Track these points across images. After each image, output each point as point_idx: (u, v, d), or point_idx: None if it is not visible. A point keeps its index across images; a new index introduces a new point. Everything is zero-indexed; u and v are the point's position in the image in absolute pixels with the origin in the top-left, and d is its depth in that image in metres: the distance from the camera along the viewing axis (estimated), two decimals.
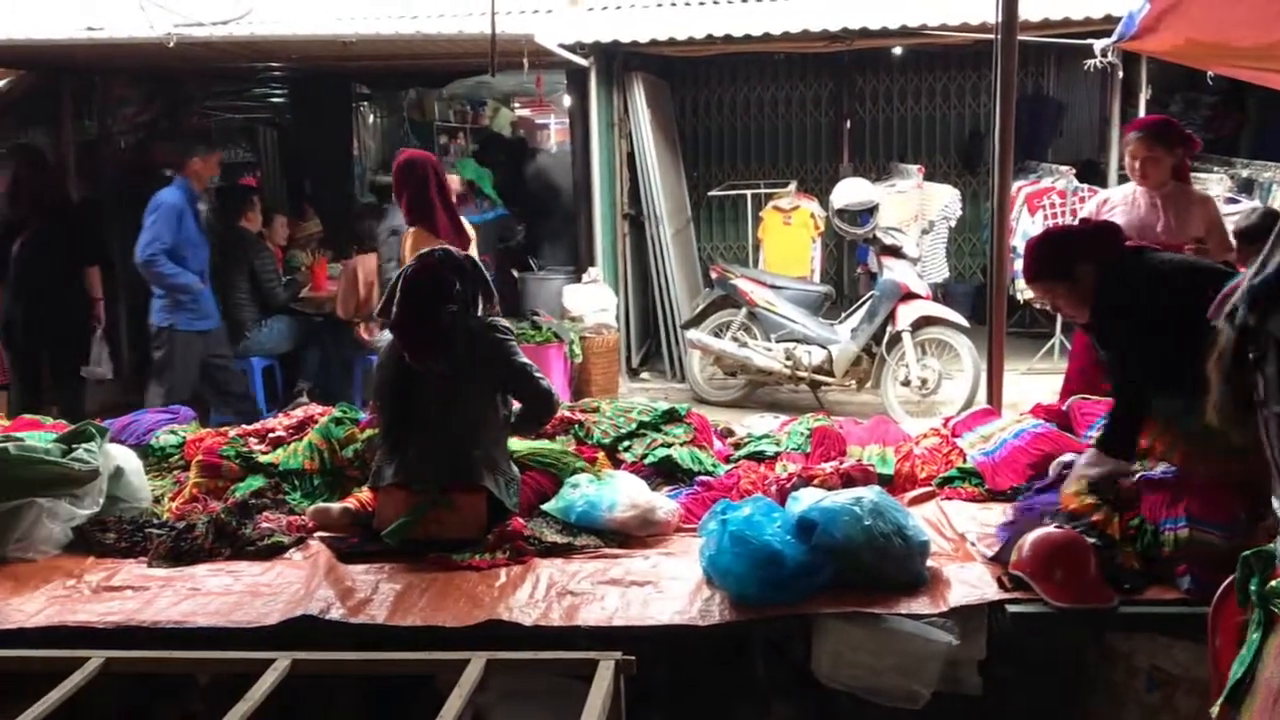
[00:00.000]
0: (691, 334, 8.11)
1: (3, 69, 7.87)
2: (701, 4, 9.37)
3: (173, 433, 4.30)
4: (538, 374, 3.64)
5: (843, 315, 8.10)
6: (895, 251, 7.75)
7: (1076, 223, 4.50)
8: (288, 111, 11.50)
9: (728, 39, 8.17)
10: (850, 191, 7.99)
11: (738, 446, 4.17)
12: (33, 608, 3.08)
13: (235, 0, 8.85)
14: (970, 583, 3.00)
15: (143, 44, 6.70)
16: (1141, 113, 8.45)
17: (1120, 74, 7.91)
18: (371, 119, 13.00)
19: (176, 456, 4.18)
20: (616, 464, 3.94)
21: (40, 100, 8.37)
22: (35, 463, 3.46)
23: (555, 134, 18.35)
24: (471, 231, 5.61)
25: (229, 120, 11.57)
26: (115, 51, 7.43)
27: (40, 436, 3.85)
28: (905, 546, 2.97)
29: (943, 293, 9.63)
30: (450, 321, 3.54)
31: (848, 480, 3.50)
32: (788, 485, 3.49)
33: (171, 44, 6.20)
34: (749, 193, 9.93)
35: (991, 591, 2.95)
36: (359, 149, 12.10)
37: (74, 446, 3.63)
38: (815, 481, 3.48)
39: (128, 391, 8.44)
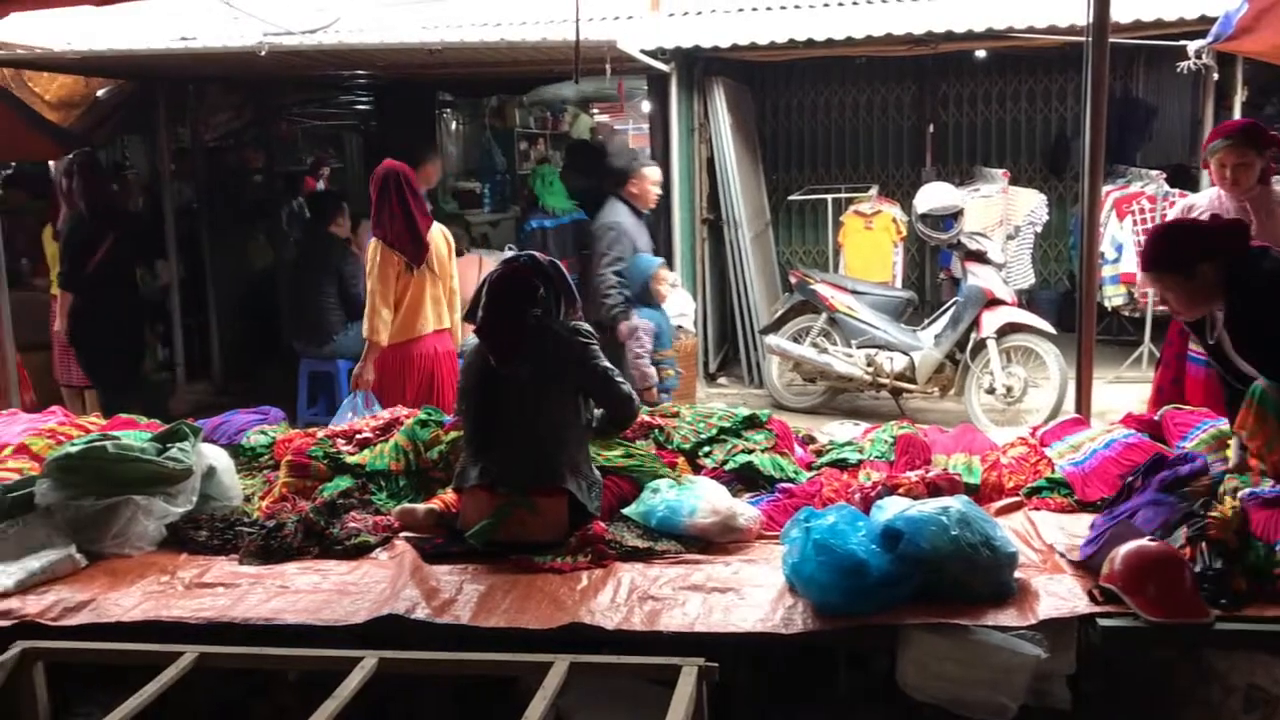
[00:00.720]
0: (770, 339, 8.07)
1: (102, 78, 8.11)
2: (783, 8, 9.36)
3: (263, 433, 4.40)
4: (618, 378, 3.66)
5: (925, 321, 8.00)
6: (980, 257, 7.64)
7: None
8: (373, 118, 11.70)
9: (810, 43, 8.11)
10: (934, 196, 7.90)
11: (819, 454, 4.14)
12: (129, 602, 3.16)
13: (321, 10, 9.05)
14: (1060, 595, 2.93)
15: (235, 53, 6.86)
16: (1236, 115, 8.23)
17: (1215, 76, 7.70)
18: (454, 125, 13.17)
19: (266, 456, 4.27)
20: (697, 469, 3.93)
21: (137, 108, 8.62)
22: (132, 461, 3.56)
23: (633, 139, 18.43)
24: (441, 242, 5.70)
25: (316, 127, 11.80)
26: (208, 60, 7.61)
27: (136, 435, 3.95)
28: (993, 557, 2.92)
29: (1027, 299, 9.47)
30: (534, 325, 3.57)
31: (934, 489, 3.45)
32: (872, 494, 3.45)
33: (263, 53, 6.34)
34: (829, 197, 9.85)
35: (1082, 604, 2.88)
36: (441, 155, 12.25)
37: (168, 446, 3.73)
38: (900, 490, 3.44)
39: (219, 392, 8.68)
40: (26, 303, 7.07)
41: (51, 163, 8.21)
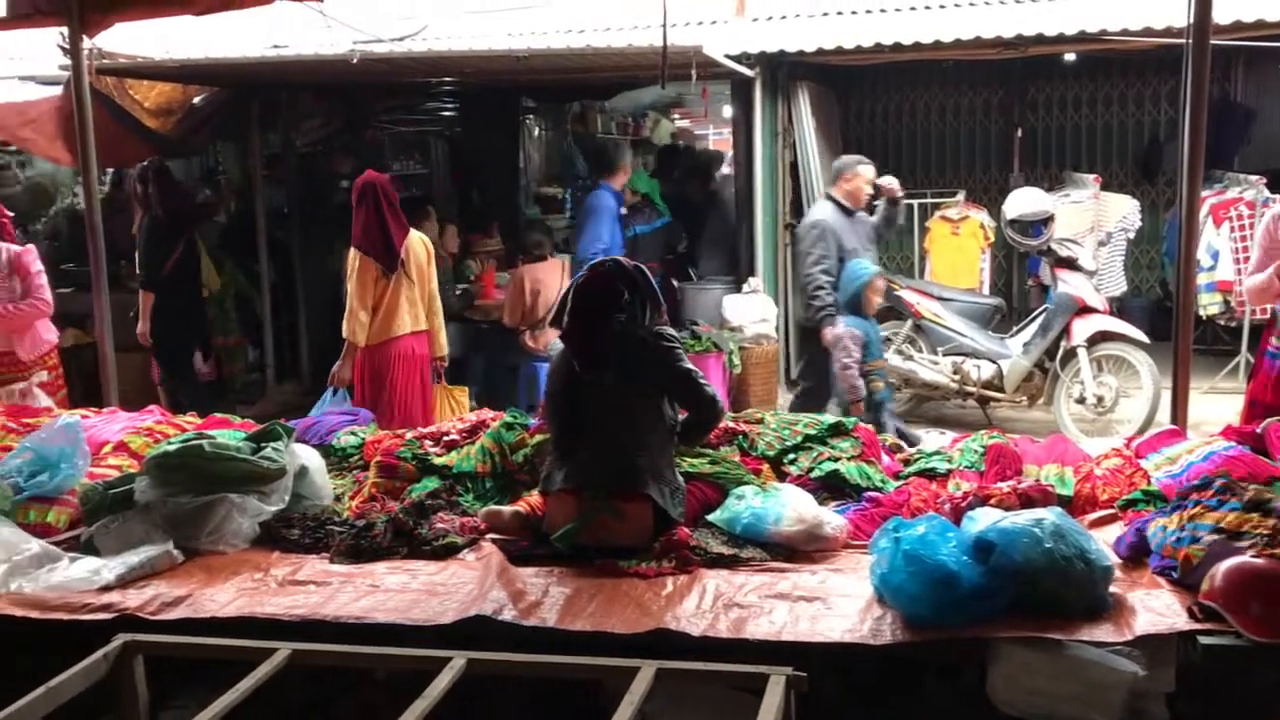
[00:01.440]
0: None
1: (199, 85, 8.32)
2: (869, 12, 9.28)
3: (352, 434, 4.47)
4: (702, 381, 3.63)
5: (1014, 329, 7.87)
6: (1070, 264, 7.48)
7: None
8: (458, 124, 11.83)
9: (897, 48, 8.02)
10: (1024, 201, 7.76)
11: (907, 463, 4.09)
12: (224, 598, 3.23)
13: (408, 18, 9.20)
14: (1157, 611, 2.85)
15: (328, 60, 6.98)
16: None
17: None
18: (537, 132, 13.27)
19: (356, 457, 4.34)
20: (781, 476, 3.91)
21: (231, 115, 8.83)
22: (228, 460, 3.64)
23: (714, 143, 18.38)
24: (420, 249, 5.93)
25: (402, 133, 11.98)
26: (301, 68, 7.75)
27: (231, 435, 4.03)
28: (1088, 571, 2.85)
29: (1118, 307, 9.25)
30: (618, 330, 3.57)
31: (1026, 500, 3.38)
32: (962, 504, 3.39)
33: (355, 60, 6.45)
34: (915, 202, 9.73)
35: (1181, 621, 2.79)
36: (524, 161, 12.37)
37: (262, 445, 3.80)
38: (992, 501, 3.37)
39: (307, 393, 8.83)
40: (124, 304, 7.29)
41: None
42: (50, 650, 3.17)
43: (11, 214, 5.84)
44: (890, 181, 6.70)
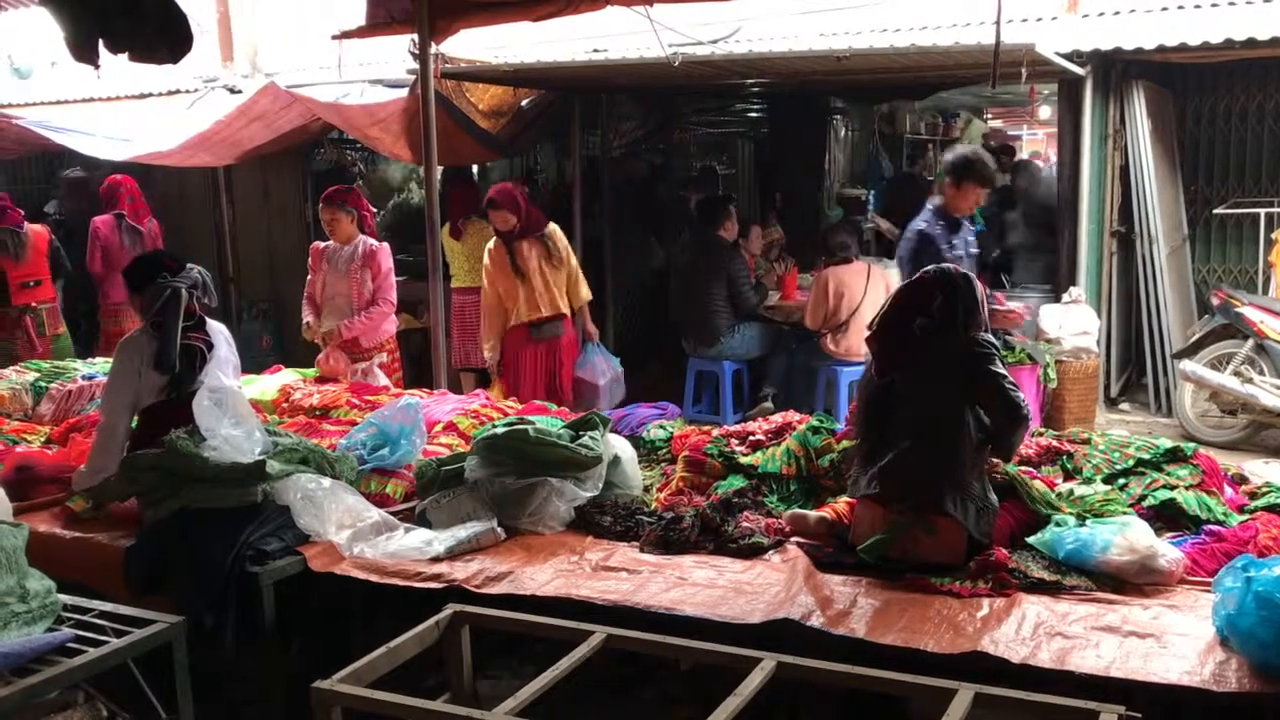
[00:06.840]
0: (1185, 365, 7.41)
1: (527, 89, 8.75)
2: (1214, 5, 8.55)
3: (661, 427, 4.58)
4: (1013, 386, 3.44)
5: None
6: None
7: None
8: (764, 125, 11.87)
9: (1251, 44, 7.34)
10: None
11: (1253, 495, 3.74)
12: (543, 577, 3.37)
13: (723, 21, 9.27)
14: None
15: (650, 63, 7.13)
16: None
17: None
18: (843, 132, 13.12)
19: (664, 450, 4.44)
20: None
21: (554, 117, 9.23)
22: (549, 445, 3.80)
23: (1027, 144, 17.55)
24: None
25: (708, 134, 12.16)
26: (622, 71, 7.99)
27: (550, 422, 4.22)
28: None
29: None
30: (927, 336, 3.46)
31: None
32: None
33: (677, 63, 6.56)
34: (1261, 211, 8.91)
35: None
36: (829, 162, 12.27)
37: (580, 433, 3.95)
38: None
39: None
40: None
41: None
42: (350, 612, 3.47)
43: (375, 210, 6.28)
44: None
